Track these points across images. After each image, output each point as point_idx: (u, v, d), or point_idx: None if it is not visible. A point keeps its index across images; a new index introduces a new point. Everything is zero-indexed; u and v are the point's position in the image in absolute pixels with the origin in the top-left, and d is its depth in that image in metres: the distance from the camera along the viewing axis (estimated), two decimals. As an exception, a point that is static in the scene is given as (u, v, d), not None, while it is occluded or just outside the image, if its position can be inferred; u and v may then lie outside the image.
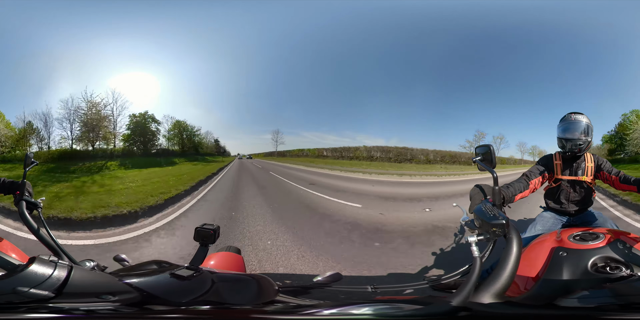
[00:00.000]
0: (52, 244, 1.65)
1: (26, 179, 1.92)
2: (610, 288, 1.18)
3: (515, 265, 1.21)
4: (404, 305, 1.18)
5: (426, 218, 6.56)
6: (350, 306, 1.16)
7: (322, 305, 1.22)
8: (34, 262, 0.94)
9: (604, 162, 2.56)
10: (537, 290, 1.38)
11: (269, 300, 1.26)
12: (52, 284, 0.91)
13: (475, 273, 1.20)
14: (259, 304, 1.21)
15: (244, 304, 1.18)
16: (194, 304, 1.07)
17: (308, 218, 6.75)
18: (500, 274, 1.18)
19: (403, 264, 4.28)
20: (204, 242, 1.43)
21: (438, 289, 1.92)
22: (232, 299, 1.20)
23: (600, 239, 1.53)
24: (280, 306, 1.25)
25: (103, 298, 0.97)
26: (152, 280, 1.11)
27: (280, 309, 1.23)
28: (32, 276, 0.91)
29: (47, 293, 0.90)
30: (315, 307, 1.19)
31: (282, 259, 4.36)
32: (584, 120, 2.50)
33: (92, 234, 5.57)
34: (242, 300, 1.21)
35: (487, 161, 1.56)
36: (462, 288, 1.15)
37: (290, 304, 1.27)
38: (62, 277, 0.93)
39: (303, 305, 1.26)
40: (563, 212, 2.61)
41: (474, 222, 1.41)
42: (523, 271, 1.43)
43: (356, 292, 1.66)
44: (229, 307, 1.15)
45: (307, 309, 1.18)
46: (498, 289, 1.15)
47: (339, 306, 1.16)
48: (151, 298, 1.03)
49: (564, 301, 1.17)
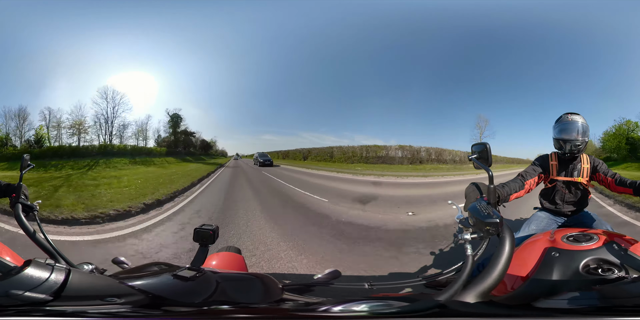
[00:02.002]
0: (49, 247, 1.64)
1: (22, 182, 1.89)
2: (598, 290, 1.17)
3: (506, 265, 1.21)
4: (394, 302, 1.19)
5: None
6: (350, 303, 1.17)
7: (329, 302, 1.22)
8: (30, 265, 0.92)
9: (600, 163, 2.55)
10: (522, 290, 1.38)
11: (277, 299, 1.26)
12: (50, 287, 0.90)
13: (465, 271, 1.21)
14: (273, 303, 1.21)
15: (257, 303, 1.18)
16: (209, 305, 1.06)
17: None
18: (489, 273, 1.18)
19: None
20: (204, 243, 1.43)
21: (431, 287, 1.94)
22: (242, 298, 1.19)
23: (594, 240, 1.52)
24: (294, 304, 1.25)
25: (108, 300, 0.96)
26: (154, 281, 1.10)
27: (296, 307, 1.23)
28: (27, 279, 0.90)
29: (45, 296, 0.89)
30: (324, 304, 1.19)
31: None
32: (580, 120, 2.49)
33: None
34: (251, 299, 1.21)
35: (483, 159, 1.56)
36: (450, 286, 1.16)
37: (300, 302, 1.27)
38: (60, 280, 0.92)
39: (311, 303, 1.26)
40: (558, 213, 2.62)
41: (468, 220, 1.41)
42: (514, 270, 1.43)
43: (354, 289, 1.68)
44: (247, 306, 1.15)
45: (319, 306, 1.19)
46: (484, 288, 1.15)
47: (341, 303, 1.17)
48: (157, 300, 1.03)
49: (543, 302, 1.17)
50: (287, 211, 7.42)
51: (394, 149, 15.69)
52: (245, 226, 5.87)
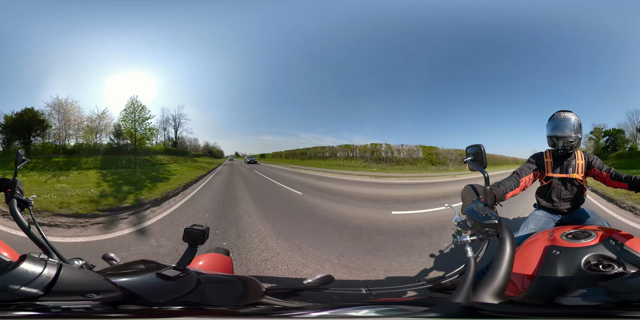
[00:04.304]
0: (42, 242, 1.66)
1: (17, 177, 1.91)
2: (604, 286, 1.18)
3: (510, 265, 1.21)
4: (409, 307, 1.17)
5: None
6: (345, 308, 1.14)
7: (311, 307, 1.20)
8: (25, 260, 0.94)
9: (594, 159, 2.57)
10: (534, 288, 1.39)
11: (252, 302, 1.25)
12: (42, 282, 0.92)
13: (470, 273, 1.20)
14: (239, 306, 1.21)
15: (224, 305, 1.18)
16: (169, 305, 1.07)
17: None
18: (495, 273, 1.18)
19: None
20: (193, 243, 1.42)
21: (435, 290, 1.90)
22: (215, 300, 1.19)
23: (593, 237, 1.54)
24: (262, 308, 1.24)
25: (87, 297, 0.98)
26: (137, 279, 1.11)
27: (257, 311, 1.22)
28: (23, 274, 0.92)
29: (37, 291, 0.91)
30: (303, 309, 1.18)
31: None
32: (573, 117, 2.52)
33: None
34: (224, 301, 1.21)
35: (478, 161, 1.56)
36: (460, 288, 1.15)
37: (274, 306, 1.26)
38: (52, 275, 0.94)
39: (289, 308, 1.25)
40: (555, 211, 2.62)
41: (466, 223, 1.41)
42: (518, 270, 1.44)
43: (349, 295, 1.62)
44: (203, 308, 1.15)
45: (290, 311, 1.18)
46: (496, 289, 1.15)
47: (332, 308, 1.15)
48: (132, 297, 1.04)
49: (564, 300, 1.17)
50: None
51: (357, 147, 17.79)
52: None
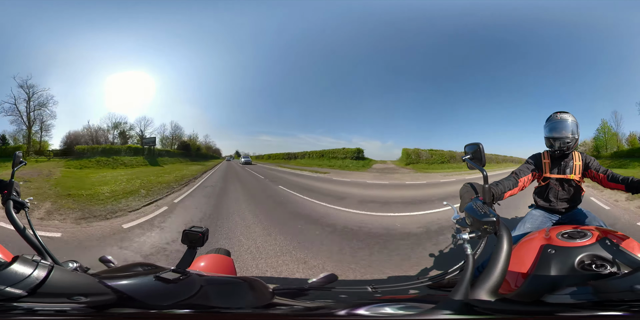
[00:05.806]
0: (37, 244, 1.67)
1: (14, 179, 1.91)
2: (592, 285, 1.20)
3: (506, 262, 1.23)
4: (418, 304, 1.18)
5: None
6: (368, 306, 1.13)
7: (340, 306, 1.17)
8: (16, 261, 0.93)
9: (592, 160, 2.59)
10: (526, 286, 1.41)
11: (267, 304, 1.20)
12: (29, 283, 0.90)
13: (468, 270, 1.22)
14: (258, 307, 1.16)
15: (240, 308, 1.13)
16: (172, 308, 1.02)
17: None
18: (492, 271, 1.20)
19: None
20: (192, 245, 1.40)
21: (434, 288, 1.94)
22: (224, 303, 1.14)
23: (588, 237, 1.55)
24: (286, 309, 1.19)
25: (74, 299, 0.94)
26: (134, 282, 1.07)
27: (288, 312, 1.18)
28: (12, 275, 0.90)
29: (20, 292, 0.88)
30: (330, 308, 1.14)
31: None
32: (570, 118, 2.54)
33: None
34: (235, 303, 1.15)
35: (476, 159, 1.57)
36: (458, 285, 1.17)
37: (295, 307, 1.21)
38: (41, 277, 0.92)
39: (312, 308, 1.21)
40: (552, 210, 2.65)
41: (465, 220, 1.44)
42: (513, 268, 1.45)
43: (357, 293, 1.63)
44: (218, 311, 1.10)
45: (320, 310, 1.14)
46: (492, 286, 1.17)
47: (358, 306, 1.14)
48: (127, 300, 0.99)
49: (550, 297, 1.19)
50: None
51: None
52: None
